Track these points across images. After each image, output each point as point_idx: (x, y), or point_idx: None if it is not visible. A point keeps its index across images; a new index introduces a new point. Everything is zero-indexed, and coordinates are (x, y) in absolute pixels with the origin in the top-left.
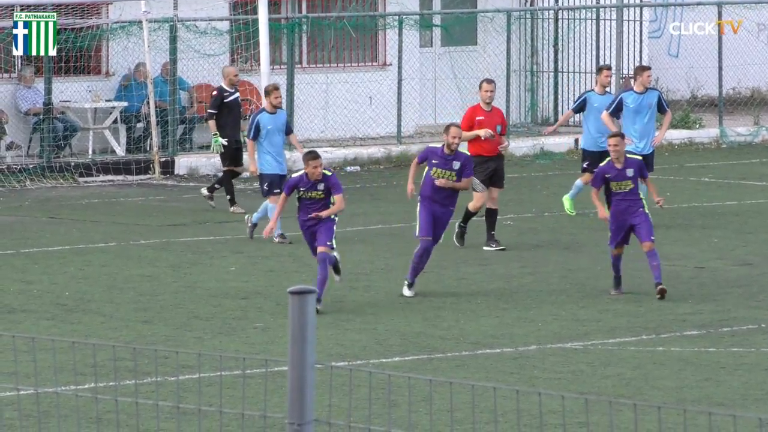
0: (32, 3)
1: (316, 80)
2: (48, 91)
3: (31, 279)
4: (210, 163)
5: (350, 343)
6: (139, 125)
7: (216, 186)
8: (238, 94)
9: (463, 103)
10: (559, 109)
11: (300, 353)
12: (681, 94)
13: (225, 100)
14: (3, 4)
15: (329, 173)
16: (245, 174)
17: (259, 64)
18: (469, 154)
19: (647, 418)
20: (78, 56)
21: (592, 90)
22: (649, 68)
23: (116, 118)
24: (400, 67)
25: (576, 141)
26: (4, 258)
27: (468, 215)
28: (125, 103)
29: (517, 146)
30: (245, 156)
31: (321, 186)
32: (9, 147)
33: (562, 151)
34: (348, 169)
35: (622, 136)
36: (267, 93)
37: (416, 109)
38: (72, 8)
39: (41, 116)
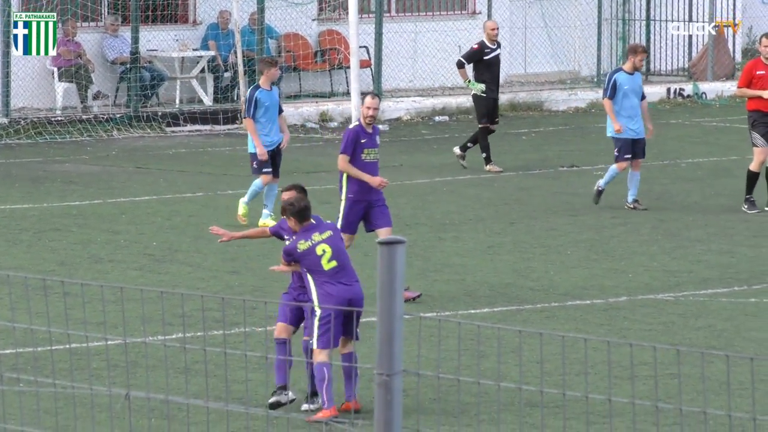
0: None
1: (404, 29)
2: (135, 40)
3: (119, 229)
4: (297, 113)
5: (439, 294)
6: (227, 74)
7: (469, 145)
8: (498, 51)
9: (554, 52)
10: (652, 58)
11: (389, 304)
12: None
13: (485, 57)
14: None
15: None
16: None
17: (347, 13)
18: None
19: (739, 369)
20: (165, 5)
21: None
22: None
23: (203, 67)
24: (489, 16)
25: (668, 90)
26: (92, 208)
27: (753, 178)
28: (212, 53)
29: None
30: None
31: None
32: (96, 96)
33: (655, 101)
34: (436, 119)
35: None
36: (633, 52)
37: (506, 58)
38: None
39: (128, 65)
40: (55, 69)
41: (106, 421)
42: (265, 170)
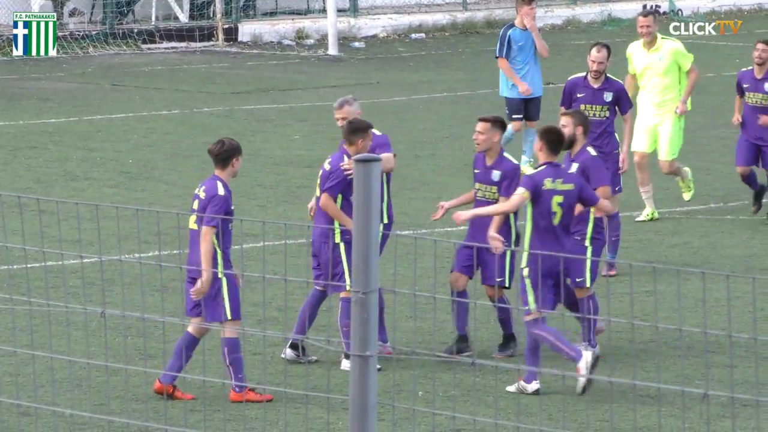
0: None
1: None
2: None
3: (95, 146)
4: (274, 30)
5: (415, 212)
6: None
7: None
8: None
9: None
10: None
11: (365, 221)
12: None
13: None
14: None
15: None
16: None
17: None
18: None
19: (715, 287)
20: None
21: None
22: None
23: None
24: None
25: (644, 7)
26: (68, 125)
27: None
28: None
29: (584, 12)
30: None
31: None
32: (72, 13)
33: (630, 18)
34: (413, 36)
35: None
36: None
37: None
38: None
39: None
40: None
41: (82, 339)
42: (515, 117)
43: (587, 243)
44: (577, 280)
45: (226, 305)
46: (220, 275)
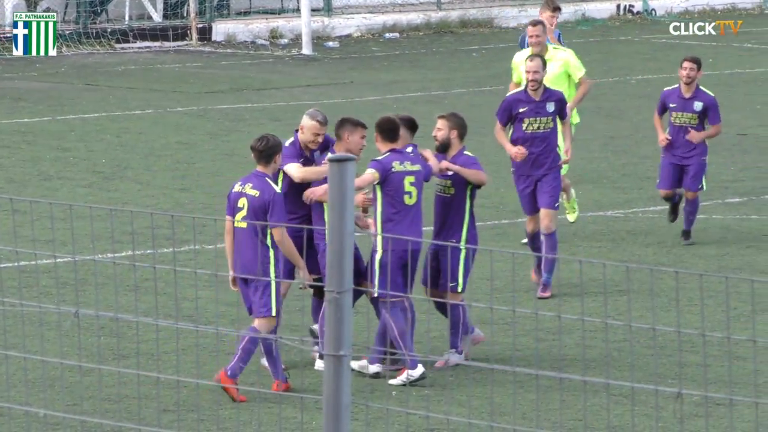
0: None
1: None
2: None
3: (68, 146)
4: (248, 29)
5: None
6: None
7: None
8: None
9: None
10: None
11: (339, 221)
12: None
13: None
14: None
15: None
16: None
17: None
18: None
19: (688, 286)
20: None
21: None
22: None
23: None
24: None
25: (618, 7)
26: (41, 125)
27: None
28: None
29: None
30: None
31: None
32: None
33: (604, 17)
34: (387, 35)
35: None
36: None
37: None
38: None
39: None
40: None
41: (56, 339)
42: None
43: (462, 246)
44: (450, 284)
45: (273, 303)
46: (272, 279)
